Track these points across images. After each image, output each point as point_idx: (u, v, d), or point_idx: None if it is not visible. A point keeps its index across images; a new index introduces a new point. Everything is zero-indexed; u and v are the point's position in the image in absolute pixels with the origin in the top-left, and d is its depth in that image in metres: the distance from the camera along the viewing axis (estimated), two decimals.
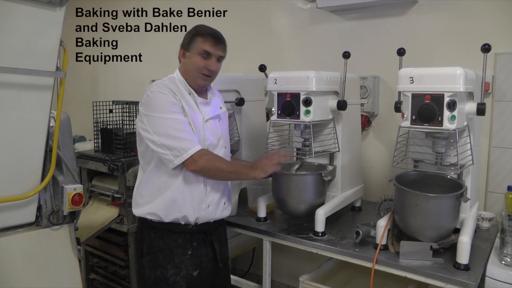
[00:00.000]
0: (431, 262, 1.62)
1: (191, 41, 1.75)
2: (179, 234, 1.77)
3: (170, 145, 1.64)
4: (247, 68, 2.85)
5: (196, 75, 1.76)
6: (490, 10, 2.12)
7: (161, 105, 1.67)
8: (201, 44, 1.72)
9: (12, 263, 1.69)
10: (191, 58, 1.74)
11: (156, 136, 1.66)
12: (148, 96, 1.69)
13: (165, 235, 1.77)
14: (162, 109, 1.67)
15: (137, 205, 1.81)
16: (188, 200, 1.75)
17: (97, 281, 2.98)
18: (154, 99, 1.68)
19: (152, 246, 1.78)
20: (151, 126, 1.67)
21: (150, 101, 1.69)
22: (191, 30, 1.79)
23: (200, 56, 1.73)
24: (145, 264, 1.78)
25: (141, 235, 1.82)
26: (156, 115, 1.67)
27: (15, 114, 1.60)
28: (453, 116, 1.57)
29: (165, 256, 1.76)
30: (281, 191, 1.98)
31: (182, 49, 1.78)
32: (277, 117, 1.98)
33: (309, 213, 1.97)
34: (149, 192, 1.77)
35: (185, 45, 1.77)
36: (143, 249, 1.80)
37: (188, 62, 1.76)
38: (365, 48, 2.51)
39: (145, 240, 1.79)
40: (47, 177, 1.73)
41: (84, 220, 2.53)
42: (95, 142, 2.90)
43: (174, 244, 1.77)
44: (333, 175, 2.06)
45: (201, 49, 1.72)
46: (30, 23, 1.52)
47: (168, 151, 1.65)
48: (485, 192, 2.19)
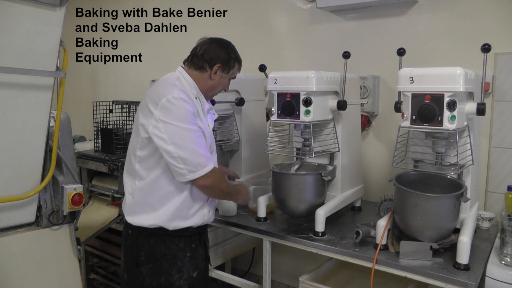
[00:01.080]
0: (431, 262, 1.62)
1: (232, 65, 1.78)
2: (180, 238, 1.73)
3: (187, 158, 1.58)
4: (247, 68, 2.83)
5: (213, 95, 1.85)
6: (490, 10, 2.12)
7: (182, 114, 1.60)
8: (236, 71, 1.82)
9: (12, 263, 1.69)
10: (224, 79, 1.79)
11: (173, 146, 1.57)
12: (170, 102, 1.59)
13: (167, 241, 1.71)
14: (183, 119, 1.59)
15: (134, 213, 1.71)
16: (194, 209, 1.72)
17: (97, 281, 2.98)
18: (176, 106, 1.59)
19: (154, 253, 1.70)
20: (168, 135, 1.58)
21: (171, 108, 1.59)
22: (232, 51, 1.78)
23: (229, 80, 1.83)
24: (144, 272, 1.70)
25: (136, 243, 1.71)
26: (176, 124, 1.58)
27: (15, 114, 1.60)
28: (453, 116, 1.57)
29: (168, 261, 1.71)
30: (281, 191, 1.98)
31: (221, 68, 1.74)
32: (277, 117, 1.98)
33: (309, 213, 1.97)
34: (150, 201, 1.68)
35: (225, 67, 1.75)
36: (139, 257, 1.70)
37: (219, 83, 1.78)
38: (365, 48, 2.51)
39: (143, 248, 1.70)
40: (47, 177, 1.73)
41: (84, 220, 2.53)
42: (95, 142, 2.90)
43: (176, 248, 1.72)
44: (333, 175, 2.06)
45: (234, 75, 1.83)
46: (30, 23, 1.52)
47: (183, 164, 1.59)
48: (485, 192, 2.19)
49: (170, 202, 1.68)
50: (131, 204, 1.71)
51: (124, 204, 1.76)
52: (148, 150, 1.65)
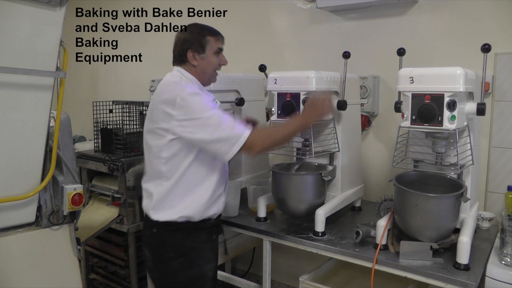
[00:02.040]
0: (431, 262, 1.62)
1: (203, 42, 1.74)
2: (202, 231, 1.77)
3: (222, 137, 1.60)
4: (247, 68, 2.84)
5: (212, 74, 1.80)
6: (490, 10, 2.12)
7: (201, 105, 1.62)
8: (215, 43, 1.76)
9: (12, 263, 1.69)
10: (208, 58, 1.76)
11: (206, 133, 1.60)
12: (184, 100, 1.60)
13: (193, 233, 1.75)
14: (203, 109, 1.62)
15: (161, 210, 1.72)
16: (217, 198, 1.78)
17: (97, 281, 2.98)
18: (192, 101, 1.61)
19: (183, 247, 1.74)
20: (198, 129, 1.60)
21: (188, 104, 1.61)
22: (195, 30, 1.77)
23: (215, 54, 1.77)
24: (175, 267, 1.73)
25: (163, 239, 1.74)
26: (200, 117, 1.61)
27: (15, 114, 1.60)
28: (453, 116, 1.57)
29: (198, 253, 1.76)
30: (281, 191, 1.99)
31: (193, 51, 1.74)
32: (277, 117, 1.98)
33: (309, 213, 1.97)
34: (178, 195, 1.71)
35: (196, 47, 1.74)
36: (168, 253, 1.73)
37: (205, 63, 1.76)
38: (365, 48, 2.51)
39: (170, 243, 1.73)
40: (47, 177, 1.73)
41: (84, 220, 2.53)
42: (95, 142, 2.90)
43: (200, 240, 1.77)
44: (333, 175, 2.06)
45: (216, 47, 1.77)
46: (30, 23, 1.52)
47: (221, 143, 1.61)
48: (485, 192, 2.19)
49: (197, 192, 1.72)
50: (158, 203, 1.72)
51: (146, 206, 1.77)
52: (174, 149, 1.67)
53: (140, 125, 2.81)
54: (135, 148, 2.74)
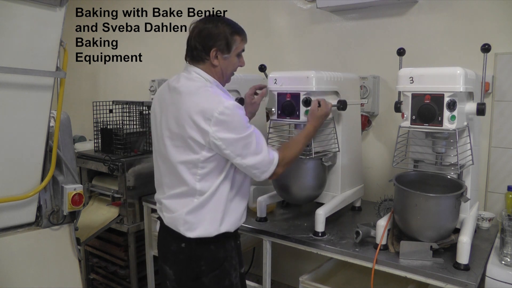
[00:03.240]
0: (431, 262, 1.62)
1: (231, 41, 1.58)
2: (229, 238, 1.68)
3: (254, 164, 1.54)
4: (247, 68, 2.84)
5: (229, 75, 1.68)
6: (490, 10, 2.12)
7: (238, 123, 1.50)
8: (240, 43, 1.62)
9: (12, 263, 1.69)
10: (231, 59, 1.62)
11: (240, 158, 1.52)
12: (223, 114, 1.47)
13: (225, 243, 1.65)
14: (240, 128, 1.51)
15: (195, 228, 1.58)
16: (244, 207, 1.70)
17: (97, 281, 2.98)
18: (230, 117, 1.48)
19: (217, 259, 1.62)
20: (232, 149, 1.50)
21: (226, 120, 1.48)
22: (223, 25, 1.58)
23: (237, 56, 1.64)
24: (207, 282, 1.61)
25: (195, 254, 1.60)
26: (236, 137, 1.49)
27: (15, 114, 1.60)
28: (453, 116, 1.57)
29: (229, 263, 1.66)
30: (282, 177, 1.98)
31: (217, 50, 1.57)
32: (277, 117, 1.98)
33: (310, 199, 2.00)
34: (212, 210, 1.59)
35: (221, 46, 1.57)
36: (199, 268, 1.60)
37: (226, 64, 1.62)
38: (365, 48, 2.51)
39: (204, 256, 1.61)
40: (47, 177, 1.73)
41: (84, 220, 2.53)
42: (95, 142, 2.90)
43: (230, 248, 1.67)
44: (333, 161, 2.06)
45: (241, 49, 1.64)
46: (30, 23, 1.52)
47: (254, 170, 1.56)
48: (485, 192, 2.19)
49: (232, 205, 1.63)
50: (190, 220, 1.58)
51: (173, 222, 1.62)
52: (211, 165, 1.55)
53: (140, 125, 2.81)
54: (135, 148, 2.74)
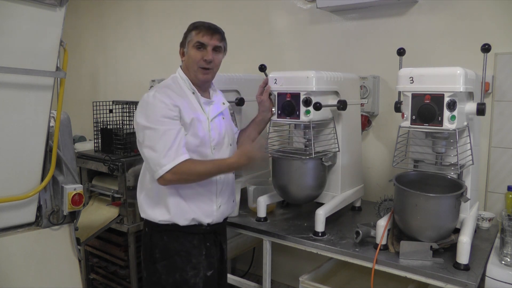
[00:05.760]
0: (431, 262, 1.62)
1: (187, 36, 1.76)
2: (193, 235, 1.74)
3: (149, 158, 1.63)
4: (247, 68, 2.85)
5: (196, 69, 1.73)
6: (490, 10, 2.12)
7: (151, 113, 1.62)
8: (195, 36, 1.72)
9: (12, 263, 1.69)
10: (188, 52, 1.74)
11: (138, 144, 1.68)
12: (143, 100, 1.66)
13: (180, 237, 1.73)
14: (150, 117, 1.62)
15: (146, 208, 1.77)
16: (197, 204, 1.73)
17: (97, 281, 2.98)
18: (149, 104, 1.64)
19: (168, 250, 1.73)
20: (137, 134, 1.67)
21: (143, 105, 1.65)
22: (188, 27, 1.79)
23: (195, 48, 1.72)
24: (160, 269, 1.73)
25: (150, 240, 1.76)
26: (142, 123, 1.64)
27: (15, 114, 1.59)
28: (453, 116, 1.57)
29: (182, 258, 1.73)
30: (282, 177, 2.00)
31: (181, 47, 1.80)
32: (277, 117, 1.98)
33: (309, 199, 2.00)
34: (159, 196, 1.73)
35: (182, 42, 1.79)
36: (154, 254, 1.74)
37: (187, 58, 1.75)
38: (365, 48, 2.51)
39: (158, 245, 1.74)
40: (47, 177, 1.73)
41: (84, 220, 2.53)
42: (95, 142, 2.90)
43: (189, 245, 1.74)
44: (333, 161, 2.06)
45: (195, 41, 1.72)
46: (30, 23, 1.52)
47: (148, 164, 1.66)
48: (485, 192, 2.19)
49: (172, 196, 1.70)
50: (144, 200, 1.77)
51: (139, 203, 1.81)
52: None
53: None
54: (135, 148, 2.74)
